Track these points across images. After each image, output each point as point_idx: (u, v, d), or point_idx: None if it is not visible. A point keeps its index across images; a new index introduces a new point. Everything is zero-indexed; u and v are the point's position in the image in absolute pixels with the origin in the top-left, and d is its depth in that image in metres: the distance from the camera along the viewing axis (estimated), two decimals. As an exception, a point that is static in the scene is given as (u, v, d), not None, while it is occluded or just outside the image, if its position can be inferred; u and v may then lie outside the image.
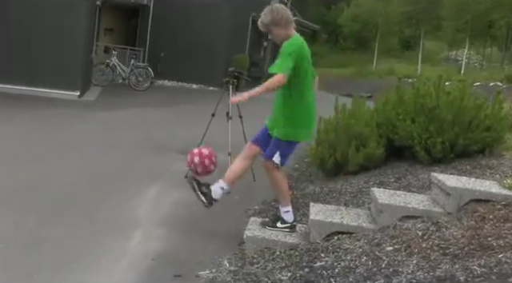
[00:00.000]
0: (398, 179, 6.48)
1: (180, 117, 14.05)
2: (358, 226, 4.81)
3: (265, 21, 5.07)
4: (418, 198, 5.16)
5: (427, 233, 4.28)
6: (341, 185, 6.87)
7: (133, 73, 20.89)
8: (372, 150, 7.19)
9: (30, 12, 15.56)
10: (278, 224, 5.20)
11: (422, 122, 6.91)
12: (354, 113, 7.79)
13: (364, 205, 5.71)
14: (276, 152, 5.09)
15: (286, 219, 5.20)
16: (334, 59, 47.77)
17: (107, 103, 16.02)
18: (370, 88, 27.12)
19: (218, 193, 5.27)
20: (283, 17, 5.03)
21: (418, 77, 8.02)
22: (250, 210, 6.52)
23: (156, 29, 24.87)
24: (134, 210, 6.18)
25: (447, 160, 6.71)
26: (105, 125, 12.22)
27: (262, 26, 5.11)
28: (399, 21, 42.25)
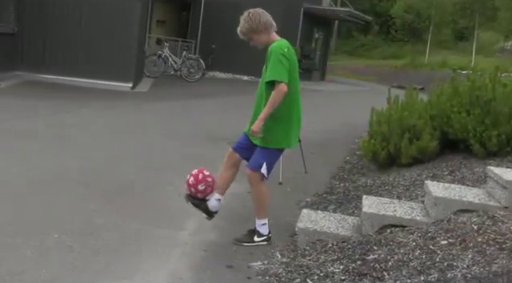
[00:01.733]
0: (451, 172, 6.39)
1: (231, 109, 14.14)
2: (412, 219, 4.77)
3: (243, 29, 4.96)
4: (473, 192, 5.09)
5: (483, 227, 4.22)
6: (393, 177, 6.82)
7: (184, 64, 21.11)
8: (425, 143, 7.11)
9: (85, 5, 15.90)
10: (254, 238, 5.11)
11: (478, 115, 6.80)
12: (407, 105, 7.71)
13: (417, 198, 5.65)
14: (263, 163, 4.99)
15: (262, 232, 5.12)
16: (385, 51, 47.41)
17: (160, 94, 16.26)
18: (423, 80, 26.72)
19: (214, 205, 5.27)
20: (261, 22, 4.91)
21: (473, 69, 7.86)
22: (302, 202, 6.53)
23: (207, 21, 25.05)
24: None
25: (503, 153, 6.59)
26: (158, 115, 12.41)
27: (241, 35, 5.01)
28: (453, 11, 41.45)
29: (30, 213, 5.33)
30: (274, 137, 4.97)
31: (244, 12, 5.02)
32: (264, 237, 5.14)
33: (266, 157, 5.01)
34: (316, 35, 29.74)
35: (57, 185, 6.28)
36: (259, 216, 5.18)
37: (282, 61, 4.78)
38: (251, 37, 5.00)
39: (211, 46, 24.31)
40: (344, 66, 39.97)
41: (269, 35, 5.00)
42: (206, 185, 5.18)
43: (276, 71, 4.75)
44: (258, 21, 4.92)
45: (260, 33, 4.96)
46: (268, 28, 4.98)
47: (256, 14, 4.95)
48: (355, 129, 11.12)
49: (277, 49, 4.83)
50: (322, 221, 5.19)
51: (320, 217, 5.30)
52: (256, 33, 4.96)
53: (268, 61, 4.86)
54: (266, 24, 4.96)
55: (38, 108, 11.51)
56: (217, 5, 24.62)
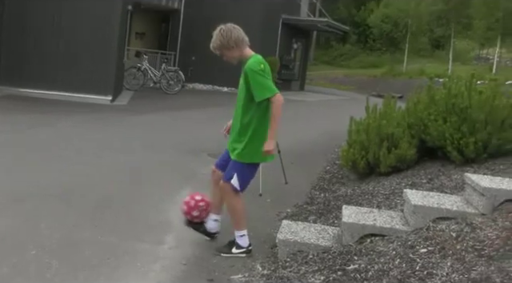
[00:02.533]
0: (430, 180, 6.43)
1: (210, 120, 14.11)
2: (391, 228, 4.78)
3: (215, 45, 5.00)
4: (451, 199, 5.12)
5: (461, 235, 4.24)
6: (373, 186, 6.85)
7: (164, 76, 21.11)
8: (404, 151, 7.15)
9: (64, 18, 15.85)
10: (233, 249, 5.12)
11: (454, 122, 6.86)
12: (385, 114, 7.76)
13: (397, 207, 5.68)
14: (233, 174, 5.01)
15: (241, 244, 5.12)
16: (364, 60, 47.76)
17: (139, 107, 16.21)
18: (401, 88, 26.95)
19: (212, 227, 5.35)
20: (232, 38, 4.93)
21: (449, 77, 7.94)
22: (282, 213, 6.53)
23: (187, 33, 25.10)
24: (166, 213, 6.22)
25: (480, 160, 6.65)
26: (137, 128, 12.36)
27: (214, 50, 5.06)
28: (429, 20, 41.91)
29: (8, 228, 5.28)
30: (247, 152, 4.99)
31: (216, 27, 5.03)
32: (243, 249, 5.13)
33: (237, 170, 5.01)
34: (295, 45, 29.89)
35: (35, 200, 6.23)
36: (236, 228, 5.18)
37: (264, 76, 4.81)
38: (223, 53, 5.04)
39: (191, 58, 24.33)
40: (323, 76, 40.16)
41: (241, 51, 5.02)
42: (199, 210, 5.24)
43: (263, 88, 4.78)
44: (229, 38, 4.93)
45: (231, 49, 4.98)
46: (239, 44, 4.99)
47: (227, 30, 4.97)
48: (335, 139, 11.16)
49: (254, 68, 4.83)
50: (302, 231, 5.18)
51: (300, 228, 5.29)
52: (227, 50, 4.99)
53: (247, 79, 4.87)
54: (237, 40, 4.97)
55: (16, 122, 11.43)
56: (196, 16, 24.66)
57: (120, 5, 16.41)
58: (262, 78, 4.79)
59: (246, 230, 5.17)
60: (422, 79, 26.23)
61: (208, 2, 24.36)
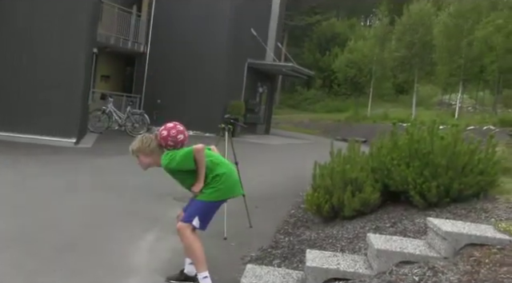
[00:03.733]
0: (393, 224, 6.48)
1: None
2: (355, 272, 4.80)
3: (134, 148, 5.39)
4: (414, 243, 5.17)
5: (424, 279, 4.27)
6: (337, 230, 6.88)
7: (129, 119, 21.06)
8: (368, 195, 7.21)
9: (27, 56, 15.76)
10: None
11: (417, 167, 6.95)
12: (349, 159, 7.84)
13: (360, 251, 5.70)
14: (195, 216, 5.19)
15: None
16: (329, 104, 48.36)
17: (104, 150, 16.06)
18: (365, 132, 27.30)
19: (191, 270, 5.41)
20: (150, 147, 5.33)
21: (412, 122, 8.08)
22: (247, 257, 6.50)
23: (152, 76, 25.19)
24: (131, 257, 6.15)
25: (442, 204, 6.73)
26: (102, 171, 12.24)
27: (132, 153, 5.41)
28: (393, 66, 42.76)
29: (-35, 275, 5.15)
30: (211, 191, 5.26)
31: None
32: None
33: (199, 210, 5.23)
34: (260, 89, 30.16)
35: (-6, 246, 6.09)
36: (198, 269, 5.20)
37: (175, 158, 5.18)
38: (138, 156, 5.41)
39: (156, 101, 24.36)
40: (288, 120, 40.49)
41: (155, 160, 5.39)
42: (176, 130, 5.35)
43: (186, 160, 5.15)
44: (148, 145, 5.34)
45: (147, 155, 5.37)
46: (155, 153, 5.36)
47: (148, 138, 5.38)
48: (300, 183, 11.19)
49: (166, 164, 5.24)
50: (266, 275, 5.16)
51: (264, 272, 5.27)
52: (144, 155, 5.38)
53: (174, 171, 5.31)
54: (154, 149, 5.36)
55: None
56: (161, 60, 24.80)
57: (85, 48, 16.41)
58: (176, 160, 5.16)
59: (207, 271, 5.18)
60: (385, 124, 26.62)
61: (174, 46, 24.52)
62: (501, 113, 34.54)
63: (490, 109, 37.49)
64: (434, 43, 37.02)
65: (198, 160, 5.12)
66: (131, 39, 24.83)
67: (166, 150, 5.30)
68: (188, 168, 5.16)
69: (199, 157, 5.12)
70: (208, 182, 5.21)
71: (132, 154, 5.40)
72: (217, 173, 5.24)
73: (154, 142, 5.32)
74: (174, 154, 5.17)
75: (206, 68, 24.43)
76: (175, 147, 5.30)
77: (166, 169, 5.26)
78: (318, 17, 56.64)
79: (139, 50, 25.41)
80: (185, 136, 5.37)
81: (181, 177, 5.35)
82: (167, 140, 5.27)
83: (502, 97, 39.26)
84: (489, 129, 23.15)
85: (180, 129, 5.35)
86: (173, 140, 5.27)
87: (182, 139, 5.32)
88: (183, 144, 5.36)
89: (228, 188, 5.31)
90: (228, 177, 5.32)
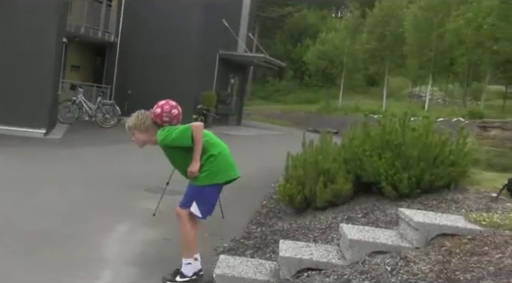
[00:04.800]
0: (365, 214, 6.53)
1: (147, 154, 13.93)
2: (328, 262, 4.82)
3: (130, 124, 5.37)
4: (386, 233, 5.21)
5: (396, 268, 4.31)
6: (309, 221, 6.90)
7: (99, 110, 20.88)
8: (340, 186, 7.25)
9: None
10: (177, 278, 5.15)
11: (389, 158, 7.00)
12: (321, 149, 7.86)
13: (333, 241, 5.73)
14: (192, 200, 5.16)
15: (186, 273, 5.15)
16: (300, 95, 48.40)
17: (74, 141, 15.90)
18: (337, 124, 27.41)
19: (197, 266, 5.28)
20: (145, 123, 5.29)
21: (383, 114, 8.13)
22: (219, 248, 6.50)
23: (123, 66, 24.96)
24: (102, 249, 6.11)
25: (414, 195, 6.79)
26: (72, 162, 12.11)
27: (128, 130, 5.39)
28: (364, 58, 42.99)
29: None
30: (205, 175, 5.16)
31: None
32: (186, 278, 5.12)
33: (196, 196, 5.17)
34: (232, 80, 30.12)
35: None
36: (184, 255, 5.20)
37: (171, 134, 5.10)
38: (133, 133, 5.36)
39: (127, 92, 24.15)
40: (260, 111, 40.49)
41: (149, 137, 5.33)
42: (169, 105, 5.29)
43: (183, 137, 5.04)
44: (143, 122, 5.29)
45: (142, 132, 5.32)
46: (150, 131, 5.30)
47: (144, 115, 5.33)
48: (272, 174, 11.19)
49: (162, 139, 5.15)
50: (239, 266, 5.16)
51: (237, 263, 5.27)
52: (139, 132, 5.33)
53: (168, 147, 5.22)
54: (149, 127, 5.30)
55: None
56: (132, 50, 24.58)
57: (54, 38, 16.19)
58: (172, 136, 5.07)
59: (192, 259, 5.18)
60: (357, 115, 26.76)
61: (145, 36, 24.32)
62: (470, 105, 35.01)
63: (459, 102, 37.94)
64: (404, 36, 37.30)
65: (195, 137, 5.02)
66: (101, 29, 24.58)
67: (162, 127, 5.22)
68: (184, 144, 5.05)
69: (197, 135, 5.03)
70: (202, 164, 5.11)
71: (128, 131, 5.36)
72: (211, 153, 5.15)
73: (149, 119, 5.28)
74: (171, 130, 5.10)
75: (178, 59, 24.27)
76: (171, 123, 5.24)
77: (161, 144, 5.17)
78: (290, 9, 56.62)
79: (110, 40, 25.15)
80: (178, 111, 5.31)
81: (175, 155, 5.26)
82: (162, 116, 5.21)
83: (471, 90, 39.74)
84: (458, 121, 23.48)
85: (173, 104, 5.30)
86: (167, 115, 5.22)
87: (176, 114, 5.27)
88: (178, 119, 5.31)
89: (222, 170, 5.22)
90: (222, 158, 5.24)
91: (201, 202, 5.15)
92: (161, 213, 7.62)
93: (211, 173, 5.14)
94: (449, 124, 20.35)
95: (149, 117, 5.28)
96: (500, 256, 4.12)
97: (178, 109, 5.31)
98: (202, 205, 5.16)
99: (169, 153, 5.30)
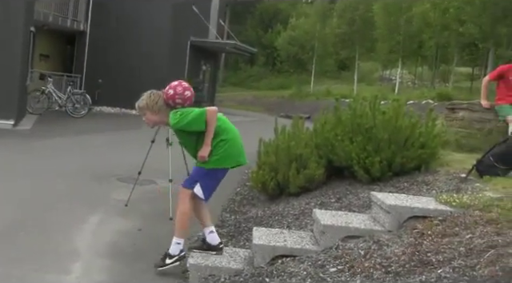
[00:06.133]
0: (338, 199, 6.56)
1: (119, 144, 13.90)
2: (302, 249, 4.83)
3: (140, 104, 5.33)
4: (359, 218, 5.24)
5: (369, 252, 4.34)
6: (283, 207, 6.91)
7: (70, 100, 20.62)
8: (312, 171, 7.26)
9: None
10: (166, 260, 5.16)
11: (360, 142, 7.04)
12: (293, 135, 7.86)
13: (307, 227, 5.75)
14: (197, 181, 5.13)
15: (173, 252, 5.15)
16: (272, 81, 48.39)
17: (44, 131, 15.70)
18: (309, 109, 27.49)
19: (213, 238, 5.33)
20: (157, 104, 5.24)
21: (354, 98, 8.16)
22: (193, 237, 6.46)
23: (93, 55, 24.68)
24: (73, 241, 6.04)
25: (386, 178, 6.84)
26: (42, 153, 11.95)
27: (138, 110, 5.37)
28: (335, 42, 43.10)
29: None
30: (214, 158, 5.12)
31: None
32: (175, 257, 5.13)
33: (200, 177, 5.14)
34: (203, 67, 29.98)
35: None
36: (176, 234, 5.20)
37: (187, 117, 5.02)
38: (145, 114, 5.31)
39: (98, 81, 23.89)
40: (232, 97, 40.39)
41: (161, 118, 5.30)
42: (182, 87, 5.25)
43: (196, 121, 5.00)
44: (155, 102, 5.23)
45: (154, 113, 5.27)
46: (162, 111, 5.25)
47: (157, 95, 5.27)
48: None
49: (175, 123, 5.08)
50: (213, 255, 5.15)
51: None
52: (150, 112, 5.28)
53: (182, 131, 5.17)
54: (161, 107, 5.24)
55: None
56: (102, 39, 24.29)
57: (22, 27, 15.93)
58: (187, 120, 5.01)
59: (183, 240, 5.21)
60: (328, 100, 26.83)
61: (115, 24, 24.06)
62: (438, 87, 35.36)
63: (428, 84, 38.32)
64: (374, 20, 37.47)
65: (209, 122, 4.99)
66: (71, 17, 24.23)
67: (175, 109, 5.17)
68: (197, 129, 5.03)
69: (211, 120, 4.99)
70: (212, 148, 5.07)
71: (139, 111, 5.32)
72: (221, 138, 5.12)
73: (161, 99, 5.23)
74: (184, 113, 5.04)
75: (148, 46, 24.07)
76: (183, 105, 5.20)
77: (174, 127, 5.14)
78: (261, -6, 56.49)
79: (79, 29, 24.82)
80: (192, 92, 5.28)
81: (186, 138, 5.24)
82: (175, 98, 5.18)
83: (440, 72, 40.16)
84: (428, 104, 23.68)
85: (186, 86, 5.26)
86: (180, 97, 5.18)
87: (189, 96, 5.24)
88: (191, 101, 5.27)
89: (231, 155, 5.19)
90: (232, 144, 5.21)
91: (205, 184, 5.13)
92: (133, 203, 7.59)
93: (221, 157, 5.12)
94: (418, 106, 20.53)
95: (161, 97, 5.25)
96: (470, 236, 4.17)
97: (190, 90, 5.28)
98: (206, 187, 5.14)
99: (180, 135, 5.28)
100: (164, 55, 24.39)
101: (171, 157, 7.54)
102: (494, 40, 30.84)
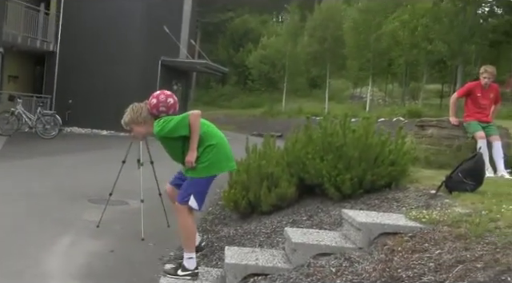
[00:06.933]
0: (310, 217, 6.58)
1: (90, 165, 13.78)
2: (273, 267, 4.84)
3: (126, 120, 5.36)
4: (330, 235, 5.27)
5: (340, 269, 4.37)
6: (255, 226, 6.91)
7: (40, 121, 20.44)
8: (284, 190, 7.28)
9: None
10: (178, 271, 5.12)
11: (331, 160, 7.07)
12: (264, 154, 7.89)
13: (278, 245, 5.76)
14: (190, 194, 5.11)
15: (188, 266, 5.12)
16: (244, 100, 48.59)
17: (14, 152, 15.52)
18: (281, 127, 27.63)
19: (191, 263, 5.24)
20: (141, 115, 5.30)
21: (324, 116, 8.23)
22: (165, 257, 6.44)
23: (63, 75, 24.55)
24: (45, 263, 5.96)
25: (356, 195, 6.88)
26: (12, 174, 11.80)
27: (125, 126, 5.39)
28: (306, 61, 43.47)
29: None
30: (202, 166, 5.16)
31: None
32: (189, 271, 5.09)
33: (194, 188, 5.17)
34: (175, 86, 29.94)
35: None
36: (185, 249, 5.19)
37: (169, 124, 5.06)
38: (132, 128, 5.35)
39: (68, 101, 23.74)
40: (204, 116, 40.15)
41: (148, 128, 5.33)
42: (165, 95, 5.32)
43: (179, 127, 5.04)
44: (139, 114, 5.29)
45: (139, 124, 5.32)
46: (148, 122, 5.29)
47: (139, 108, 5.33)
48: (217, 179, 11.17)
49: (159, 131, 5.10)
50: (185, 277, 5.13)
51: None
52: (136, 125, 5.33)
53: (165, 138, 5.16)
54: (146, 118, 5.29)
55: None
56: (72, 59, 24.17)
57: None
58: (170, 126, 5.04)
59: (194, 253, 5.20)
60: (300, 118, 26.97)
61: (85, 44, 23.98)
62: (409, 104, 35.81)
63: (398, 101, 38.77)
64: (344, 38, 37.91)
65: (192, 125, 5.01)
66: (40, 38, 24.09)
67: (159, 118, 5.18)
68: (181, 134, 5.04)
69: (194, 123, 5.03)
70: (198, 155, 5.09)
71: (125, 127, 5.34)
72: (207, 144, 5.15)
73: (144, 110, 5.26)
74: (167, 120, 5.06)
75: (119, 66, 24.03)
76: (167, 112, 5.22)
77: (158, 136, 5.13)
78: (231, 14, 56.79)
79: (49, 49, 24.69)
80: (174, 100, 5.31)
81: (172, 146, 5.23)
82: (158, 106, 5.20)
83: (410, 89, 40.70)
84: (398, 121, 23.95)
85: (168, 94, 5.30)
86: (164, 105, 5.21)
87: (172, 103, 5.27)
88: (175, 109, 5.30)
89: (219, 161, 5.22)
90: (220, 149, 5.24)
91: (198, 195, 5.16)
92: (105, 224, 7.53)
93: (209, 164, 5.15)
94: (389, 124, 20.77)
95: (144, 109, 5.27)
96: (439, 252, 4.22)
97: (173, 98, 5.32)
98: (199, 198, 5.18)
99: (166, 144, 5.27)
100: (135, 74, 24.36)
101: (142, 177, 7.51)
102: (462, 57, 31.45)
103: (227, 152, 5.36)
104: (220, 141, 5.28)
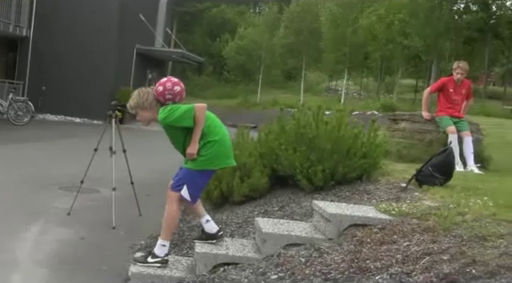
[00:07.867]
0: (281, 208, 6.62)
1: (62, 152, 13.66)
2: (243, 256, 4.86)
3: (131, 104, 5.33)
4: (300, 226, 5.30)
5: (310, 260, 4.40)
6: (227, 216, 6.93)
7: (12, 107, 20.19)
8: (256, 180, 7.30)
9: None
10: (148, 259, 5.11)
11: (304, 152, 7.10)
12: (238, 144, 7.89)
13: (249, 235, 5.78)
14: (184, 183, 5.10)
15: (158, 253, 5.11)
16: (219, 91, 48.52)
17: (-16, 139, 15.32)
18: (255, 118, 27.64)
19: (211, 226, 5.31)
20: (147, 100, 5.24)
21: (298, 108, 8.25)
22: (136, 246, 6.44)
23: (36, 62, 24.25)
24: (13, 251, 5.90)
25: (328, 187, 6.92)
26: (-19, 162, 11.67)
27: (130, 109, 5.37)
28: (282, 52, 43.52)
29: None
30: (202, 159, 5.11)
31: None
32: (158, 258, 5.06)
33: (187, 179, 5.12)
34: (150, 76, 29.80)
35: None
36: (162, 236, 5.16)
37: (174, 113, 5.02)
38: (137, 113, 5.31)
39: (41, 88, 23.48)
40: (179, 106, 40.26)
41: (153, 114, 5.25)
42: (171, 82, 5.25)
43: (184, 117, 4.99)
44: (145, 99, 5.24)
45: (145, 110, 5.26)
46: (153, 107, 5.23)
47: (146, 92, 5.29)
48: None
49: (163, 119, 5.06)
50: (156, 263, 5.13)
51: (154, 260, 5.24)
52: (142, 110, 5.27)
53: (170, 127, 5.14)
54: (151, 103, 5.23)
55: None
56: (46, 45, 23.88)
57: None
58: (175, 115, 5.00)
59: (168, 242, 5.18)
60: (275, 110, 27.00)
61: (59, 30, 23.72)
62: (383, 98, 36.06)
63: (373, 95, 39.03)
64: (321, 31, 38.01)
65: (197, 118, 4.97)
66: (13, 23, 23.74)
67: (165, 105, 5.14)
68: (185, 126, 5.01)
69: (199, 116, 4.98)
70: (200, 147, 5.05)
71: (130, 110, 5.31)
72: (209, 139, 5.10)
73: (151, 95, 5.22)
74: (173, 109, 5.02)
75: (93, 53, 23.82)
76: (174, 100, 5.16)
77: (163, 123, 5.09)
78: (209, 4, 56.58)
79: (22, 35, 24.36)
80: (181, 87, 5.24)
81: (175, 135, 5.20)
82: (165, 94, 5.15)
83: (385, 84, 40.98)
84: (372, 114, 24.09)
85: (175, 81, 5.25)
86: (170, 92, 5.15)
87: (179, 90, 5.20)
88: (182, 96, 5.23)
89: (219, 157, 5.17)
90: (220, 146, 5.17)
91: (191, 186, 5.11)
92: (76, 212, 7.49)
93: (209, 158, 5.10)
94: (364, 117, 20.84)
95: (150, 94, 5.24)
96: (407, 244, 4.27)
97: (180, 85, 5.26)
98: (193, 189, 5.13)
99: (169, 132, 5.24)
100: (109, 62, 24.17)
101: (115, 165, 7.47)
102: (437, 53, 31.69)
103: (228, 149, 5.32)
104: (222, 138, 5.22)
